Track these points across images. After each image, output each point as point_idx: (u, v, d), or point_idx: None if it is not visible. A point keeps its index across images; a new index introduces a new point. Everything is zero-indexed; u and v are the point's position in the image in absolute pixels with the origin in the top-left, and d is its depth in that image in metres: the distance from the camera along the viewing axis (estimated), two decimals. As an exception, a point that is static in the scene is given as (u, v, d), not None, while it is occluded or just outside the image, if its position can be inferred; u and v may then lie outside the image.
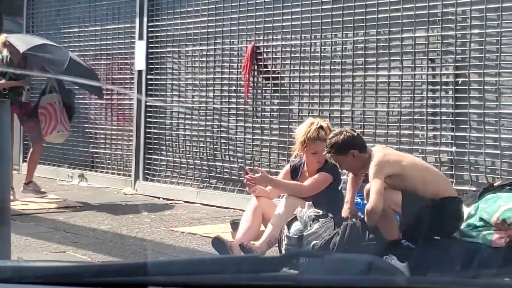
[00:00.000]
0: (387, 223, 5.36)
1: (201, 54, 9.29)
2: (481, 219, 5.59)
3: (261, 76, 8.61)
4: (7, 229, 4.85)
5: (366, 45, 7.63)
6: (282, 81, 8.43)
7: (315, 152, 6.10)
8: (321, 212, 5.90)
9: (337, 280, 1.11)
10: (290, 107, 8.31)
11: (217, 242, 5.86)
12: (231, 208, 8.39)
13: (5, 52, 8.66)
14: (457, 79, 6.99)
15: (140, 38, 9.91)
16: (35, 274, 1.11)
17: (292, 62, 8.32)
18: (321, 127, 6.12)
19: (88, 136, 10.94)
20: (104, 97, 10.01)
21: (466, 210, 5.79)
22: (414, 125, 7.26)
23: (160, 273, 1.11)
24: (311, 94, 8.14)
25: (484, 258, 5.39)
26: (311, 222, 5.83)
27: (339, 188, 6.27)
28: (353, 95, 7.76)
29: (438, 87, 7.11)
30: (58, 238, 6.74)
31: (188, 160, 9.39)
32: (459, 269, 5.24)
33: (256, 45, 8.57)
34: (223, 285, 1.08)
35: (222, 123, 9.04)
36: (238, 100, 8.87)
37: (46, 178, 10.88)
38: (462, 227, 5.72)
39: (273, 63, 8.52)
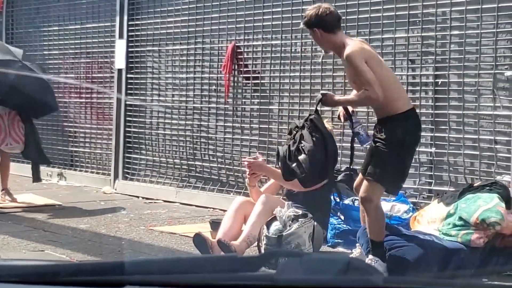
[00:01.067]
0: (376, 223, 5.34)
1: (181, 53, 9.27)
2: (460, 218, 5.62)
3: (241, 75, 8.60)
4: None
5: (347, 45, 7.63)
6: (262, 81, 8.43)
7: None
8: (300, 212, 5.91)
9: (314, 280, 1.11)
10: (270, 107, 8.31)
11: (198, 238, 5.86)
12: (210, 208, 8.38)
13: None
14: (436, 80, 7.02)
15: (120, 37, 9.88)
16: (11, 273, 1.10)
17: (272, 62, 8.32)
18: None
19: (68, 135, 10.90)
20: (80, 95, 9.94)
21: (445, 209, 5.83)
22: (394, 125, 7.27)
23: (138, 272, 1.11)
24: (291, 94, 8.14)
25: (462, 258, 5.43)
26: (290, 222, 5.83)
27: (330, 193, 6.32)
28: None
29: (418, 88, 7.13)
30: (36, 237, 6.70)
31: (168, 160, 9.37)
32: (437, 269, 5.26)
33: (236, 44, 8.56)
34: (201, 285, 1.07)
35: (202, 123, 9.03)
36: (218, 100, 8.86)
37: (25, 177, 10.82)
38: (441, 225, 5.75)
39: (254, 62, 8.52)
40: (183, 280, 1.10)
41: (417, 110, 7.09)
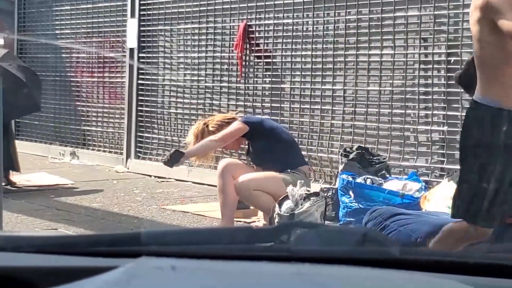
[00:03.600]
0: None
1: (193, 32, 9.26)
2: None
3: (253, 54, 8.59)
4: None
5: (359, 24, 7.62)
6: (274, 60, 8.41)
7: None
8: (312, 190, 5.92)
9: (331, 251, 1.11)
10: (282, 85, 8.30)
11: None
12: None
13: None
14: (449, 58, 6.99)
15: (132, 16, 9.87)
16: (29, 244, 1.11)
17: (284, 40, 8.30)
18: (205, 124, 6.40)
19: (80, 114, 10.92)
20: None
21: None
22: (406, 104, 7.27)
23: (154, 243, 1.11)
24: (303, 73, 8.13)
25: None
26: (302, 200, 5.84)
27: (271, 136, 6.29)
28: (345, 74, 7.76)
29: (430, 66, 7.11)
30: (49, 215, 6.74)
31: (180, 138, 9.38)
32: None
33: (248, 23, 8.55)
34: (216, 256, 1.08)
35: (213, 102, 9.03)
36: (230, 79, 8.85)
37: (38, 156, 10.87)
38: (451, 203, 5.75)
39: (265, 41, 8.50)
40: (199, 251, 1.10)
41: (430, 89, 7.10)
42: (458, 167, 6.65)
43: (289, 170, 6.15)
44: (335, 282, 0.96)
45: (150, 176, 9.28)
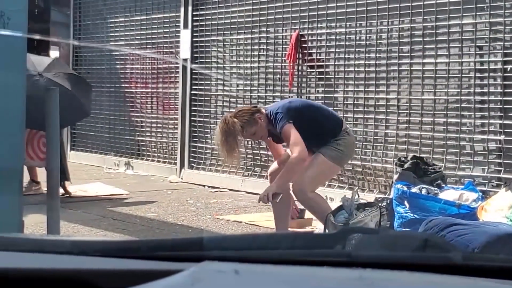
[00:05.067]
0: None
1: (245, 42, 9.30)
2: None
3: (305, 64, 8.59)
4: (57, 215, 4.93)
5: (412, 32, 7.58)
6: (327, 69, 8.40)
7: (252, 135, 6.04)
8: (366, 201, 5.89)
9: (392, 256, 1.11)
10: (335, 95, 8.28)
11: None
12: (276, 196, 8.39)
13: None
14: (505, 66, 6.90)
15: (185, 27, 9.95)
16: (94, 248, 1.13)
17: (337, 50, 8.29)
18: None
19: (134, 125, 11.03)
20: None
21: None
22: (462, 113, 7.20)
23: (216, 248, 1.12)
24: (356, 82, 8.10)
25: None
26: (356, 211, 5.82)
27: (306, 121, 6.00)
28: (399, 83, 7.72)
29: (486, 75, 7.03)
30: (105, 225, 6.81)
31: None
32: (504, 254, 5.18)
33: (300, 33, 8.55)
34: (277, 260, 1.08)
35: (267, 112, 9.03)
36: (282, 89, 8.86)
37: (93, 166, 11.00)
38: (509, 213, 5.67)
39: (318, 51, 8.50)
40: (260, 256, 1.11)
41: (486, 97, 7.02)
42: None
43: (332, 140, 5.99)
44: (398, 287, 0.95)
45: (204, 186, 9.32)
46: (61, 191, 8.02)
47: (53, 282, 1.02)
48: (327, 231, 5.81)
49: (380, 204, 6.02)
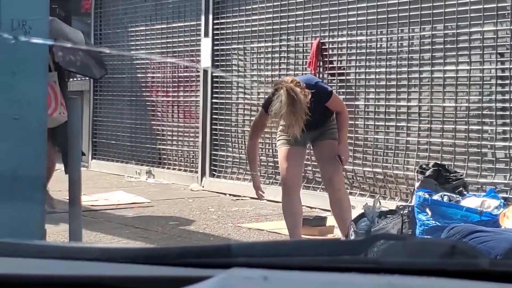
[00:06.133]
0: None
1: (266, 50, 9.31)
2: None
3: (326, 72, 8.59)
4: (78, 224, 4.96)
5: (433, 40, 7.56)
6: (348, 77, 8.40)
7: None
8: (388, 208, 5.88)
9: (419, 263, 1.11)
10: (356, 102, 8.27)
11: None
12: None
13: None
14: (527, 73, 6.88)
15: (206, 35, 9.98)
16: (122, 255, 1.14)
17: (358, 58, 8.29)
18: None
19: (155, 133, 11.07)
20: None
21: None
22: (483, 120, 7.17)
23: (243, 254, 1.13)
24: (377, 90, 8.09)
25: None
26: (378, 218, 5.81)
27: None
28: (420, 90, 7.70)
29: (508, 82, 7.00)
30: (127, 233, 6.84)
31: (254, 157, 9.41)
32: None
33: (321, 41, 8.56)
34: (304, 267, 1.09)
35: (287, 120, 9.04)
36: (303, 97, 8.85)
37: (115, 175, 11.04)
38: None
39: (339, 59, 8.50)
40: (287, 262, 1.11)
41: (507, 104, 6.99)
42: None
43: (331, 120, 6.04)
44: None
45: (225, 194, 9.33)
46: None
47: (82, 288, 1.03)
48: (350, 238, 5.80)
49: (402, 212, 6.00)
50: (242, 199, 8.96)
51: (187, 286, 0.94)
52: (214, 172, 9.95)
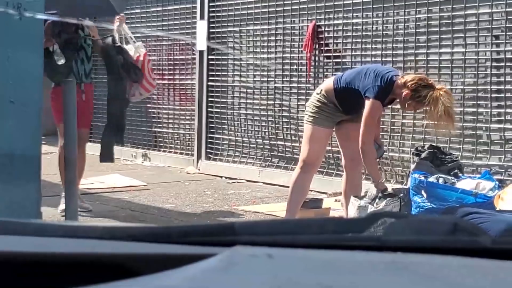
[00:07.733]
0: None
1: (262, 33, 9.30)
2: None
3: (322, 54, 8.59)
4: (75, 203, 4.97)
5: (429, 22, 7.56)
6: (343, 60, 8.40)
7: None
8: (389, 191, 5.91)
9: (422, 241, 1.12)
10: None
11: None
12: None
13: None
14: (523, 55, 6.88)
15: (202, 18, 9.95)
16: (126, 233, 1.14)
17: (353, 40, 8.28)
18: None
19: (151, 116, 11.06)
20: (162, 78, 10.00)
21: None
22: (478, 102, 7.18)
23: (247, 233, 1.13)
24: (373, 72, 8.08)
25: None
26: (378, 200, 5.83)
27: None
28: (416, 73, 7.69)
29: (503, 64, 7.01)
30: (124, 216, 6.84)
31: (250, 139, 9.43)
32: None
33: (317, 23, 8.54)
34: (308, 245, 1.09)
35: (283, 102, 9.05)
36: (299, 79, 8.86)
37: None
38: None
39: (335, 41, 8.49)
40: (290, 240, 1.12)
41: (502, 87, 7.00)
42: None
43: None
44: (431, 270, 0.96)
45: (221, 177, 9.34)
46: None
47: (86, 266, 1.03)
48: (351, 211, 5.78)
49: (400, 195, 6.01)
50: (238, 182, 8.98)
51: (192, 263, 0.95)
52: (210, 155, 9.96)
